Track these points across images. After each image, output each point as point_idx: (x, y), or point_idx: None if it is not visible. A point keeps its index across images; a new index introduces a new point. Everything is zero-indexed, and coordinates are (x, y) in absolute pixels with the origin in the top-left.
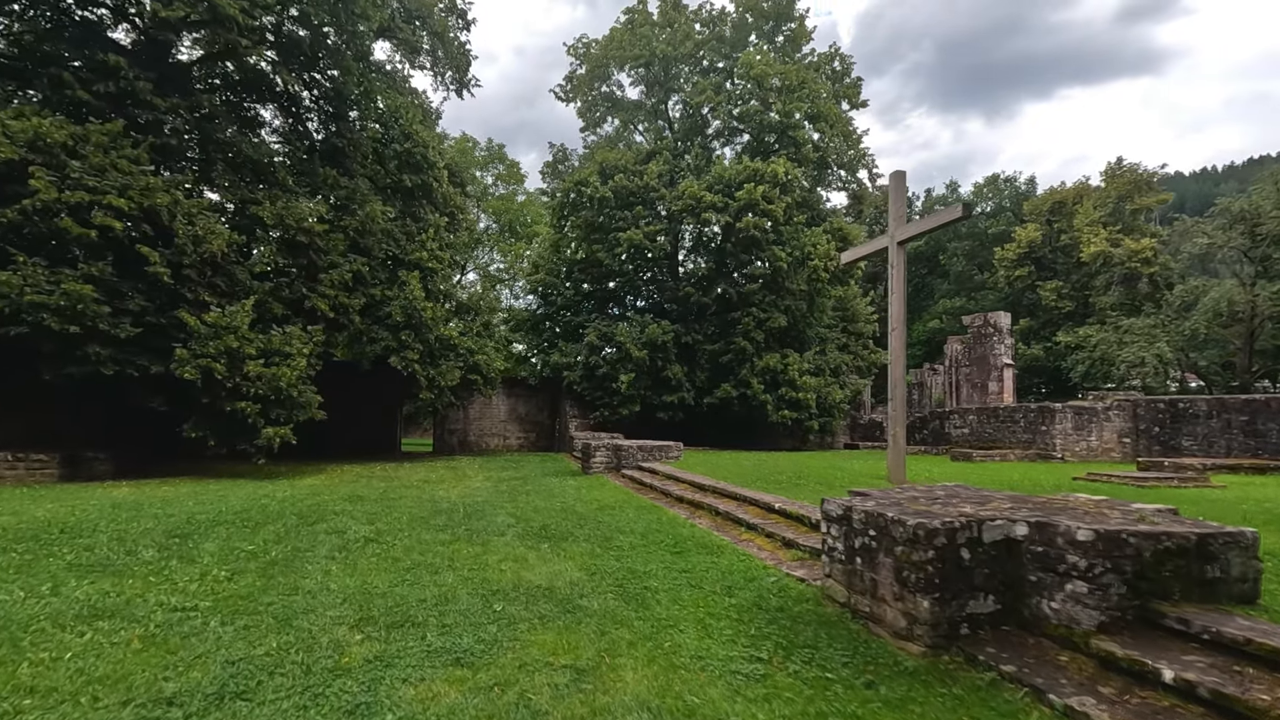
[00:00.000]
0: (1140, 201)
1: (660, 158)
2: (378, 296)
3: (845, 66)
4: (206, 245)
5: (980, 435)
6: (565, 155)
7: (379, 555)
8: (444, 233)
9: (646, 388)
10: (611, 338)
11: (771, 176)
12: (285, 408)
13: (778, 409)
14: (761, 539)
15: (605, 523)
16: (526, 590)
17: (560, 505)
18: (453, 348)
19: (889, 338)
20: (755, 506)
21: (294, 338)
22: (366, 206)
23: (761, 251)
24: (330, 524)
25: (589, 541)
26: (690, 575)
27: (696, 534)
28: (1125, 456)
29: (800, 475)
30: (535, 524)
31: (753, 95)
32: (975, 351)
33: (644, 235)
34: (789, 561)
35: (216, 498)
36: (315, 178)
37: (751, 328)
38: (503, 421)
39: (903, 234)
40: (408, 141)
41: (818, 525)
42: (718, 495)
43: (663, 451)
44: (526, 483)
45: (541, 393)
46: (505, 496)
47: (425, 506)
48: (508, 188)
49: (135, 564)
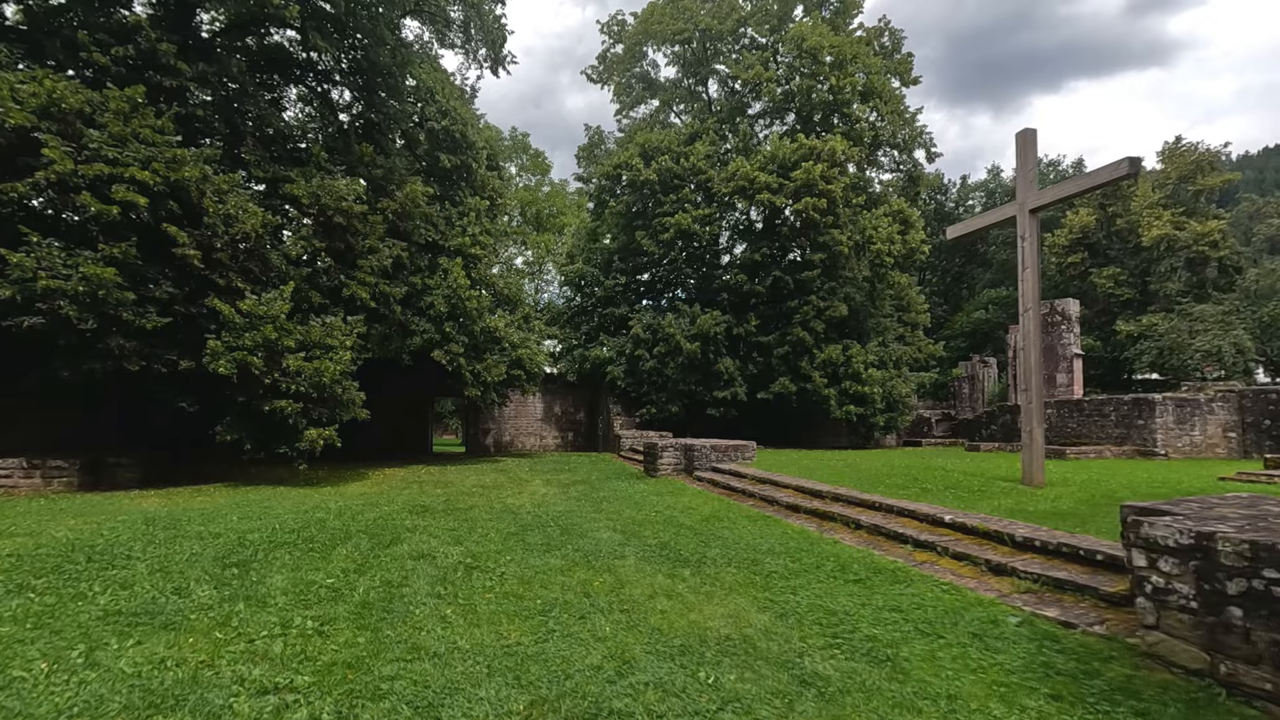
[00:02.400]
0: (1202, 182)
1: (705, 138)
2: (419, 285)
3: (895, 41)
4: (239, 225)
5: (1061, 431)
6: (600, 139)
7: (494, 591)
8: (484, 218)
9: (696, 382)
10: (659, 330)
11: (829, 155)
12: (328, 406)
13: (841, 404)
14: (948, 561)
15: (729, 539)
16: (718, 644)
17: (657, 515)
18: (498, 341)
19: (1021, 319)
20: (911, 519)
21: (335, 329)
22: (406, 187)
23: (820, 235)
24: (411, 545)
25: (733, 566)
26: (906, 617)
27: (854, 555)
28: (1231, 453)
29: (912, 477)
30: (650, 541)
31: (803, 69)
32: (1043, 341)
33: (693, 219)
34: (1017, 595)
35: (262, 510)
36: (350, 155)
37: (811, 317)
38: (539, 420)
39: (1037, 200)
40: (445, 119)
41: (1023, 544)
42: (847, 504)
43: (738, 452)
44: (596, 488)
45: (580, 390)
46: (587, 505)
47: (505, 520)
48: (533, 179)
49: (190, 609)
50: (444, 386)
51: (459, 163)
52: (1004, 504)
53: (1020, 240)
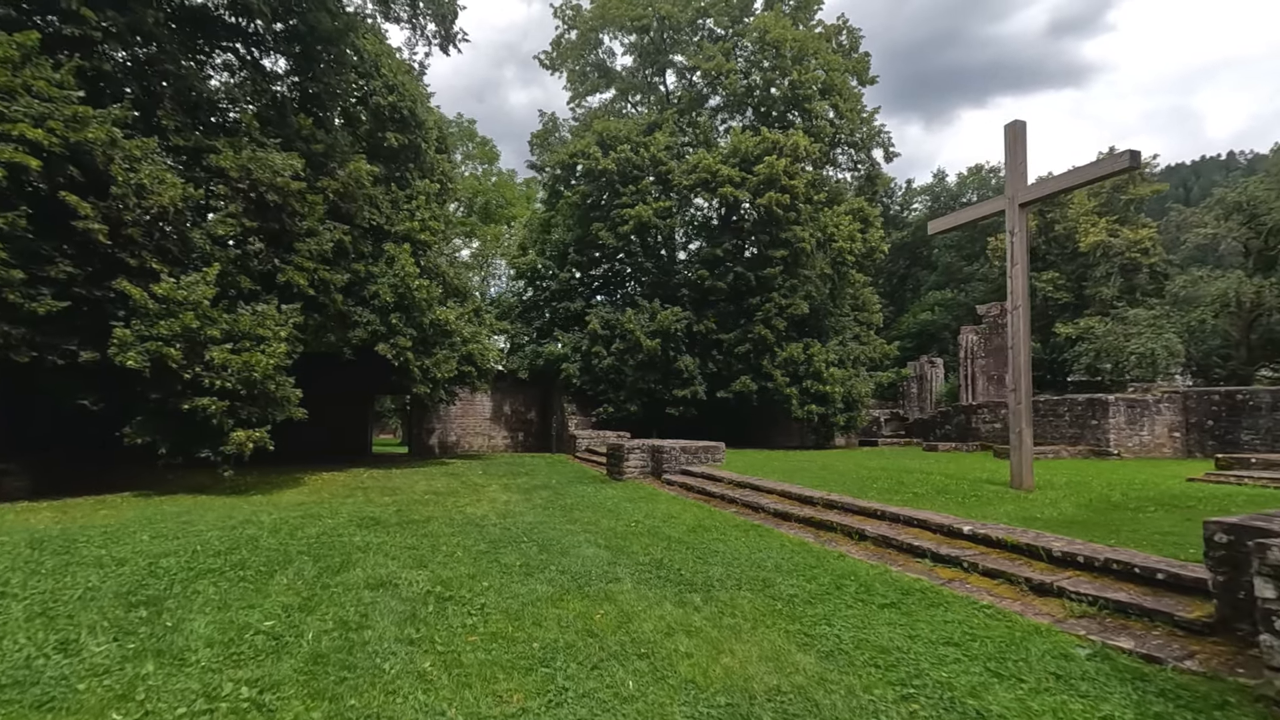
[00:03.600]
0: (1134, 191)
1: (665, 128)
2: (362, 273)
3: (853, 40)
4: (155, 197)
5: None
6: (555, 126)
7: (478, 632)
8: (433, 202)
9: (656, 381)
10: (617, 326)
11: (792, 150)
12: (259, 405)
13: (803, 404)
14: (978, 579)
15: (727, 554)
16: (771, 700)
17: (639, 526)
18: (449, 334)
19: (1010, 317)
20: (923, 529)
21: (268, 318)
22: (349, 165)
23: (782, 232)
24: (366, 570)
25: (746, 589)
26: (965, 652)
27: (871, 572)
28: (1176, 452)
29: (896, 481)
30: (641, 558)
31: (764, 62)
32: (992, 342)
33: (653, 212)
34: (1073, 620)
35: (180, 527)
36: (287, 128)
37: (773, 314)
38: (488, 420)
39: (1027, 194)
40: (391, 94)
41: (1062, 560)
42: (843, 512)
43: (708, 453)
44: (561, 494)
45: (531, 388)
46: (558, 514)
47: (470, 534)
48: (480, 167)
49: (80, 674)
50: (388, 383)
51: (406, 142)
52: (1007, 510)
53: (1009, 235)
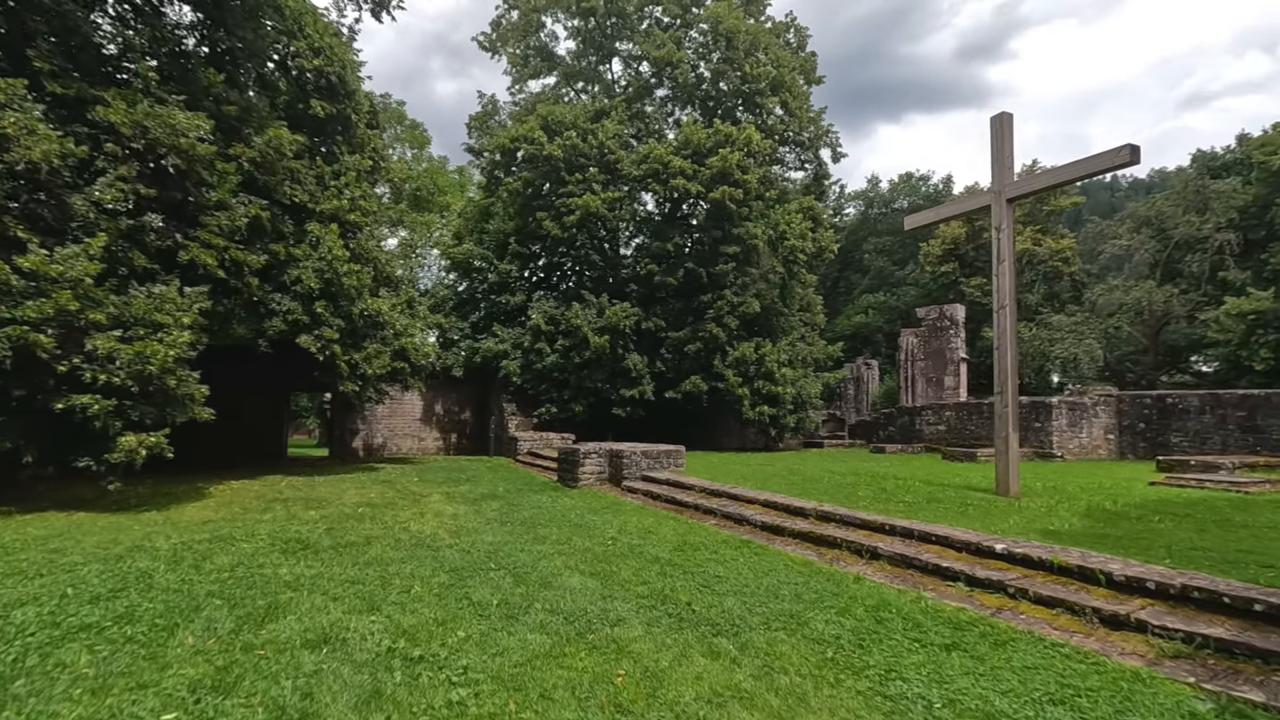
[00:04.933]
0: (1055, 203)
1: (613, 116)
2: (282, 255)
3: (801, 39)
4: (20, 150)
5: (960, 432)
6: (495, 108)
7: (472, 714)
8: (365, 181)
9: (603, 380)
10: (562, 321)
11: (745, 144)
12: (156, 404)
13: (754, 404)
14: (1029, 607)
15: (735, 582)
16: None
17: (618, 545)
18: (381, 326)
19: (996, 317)
20: (945, 547)
21: (168, 302)
22: (268, 131)
23: (734, 227)
24: (301, 617)
25: (779, 630)
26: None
27: (907, 603)
28: (1111, 454)
29: (879, 488)
30: (638, 589)
31: (713, 54)
32: (931, 345)
33: (601, 202)
34: (1169, 661)
35: (46, 559)
36: (193, 85)
37: (724, 312)
38: (418, 420)
39: (1016, 189)
40: (318, 58)
41: (1126, 585)
42: (843, 525)
43: (669, 458)
44: (514, 505)
45: (465, 386)
46: (520, 531)
47: (424, 559)
48: (409, 152)
49: None
50: (309, 379)
51: (334, 112)
52: (1013, 522)
53: (995, 232)
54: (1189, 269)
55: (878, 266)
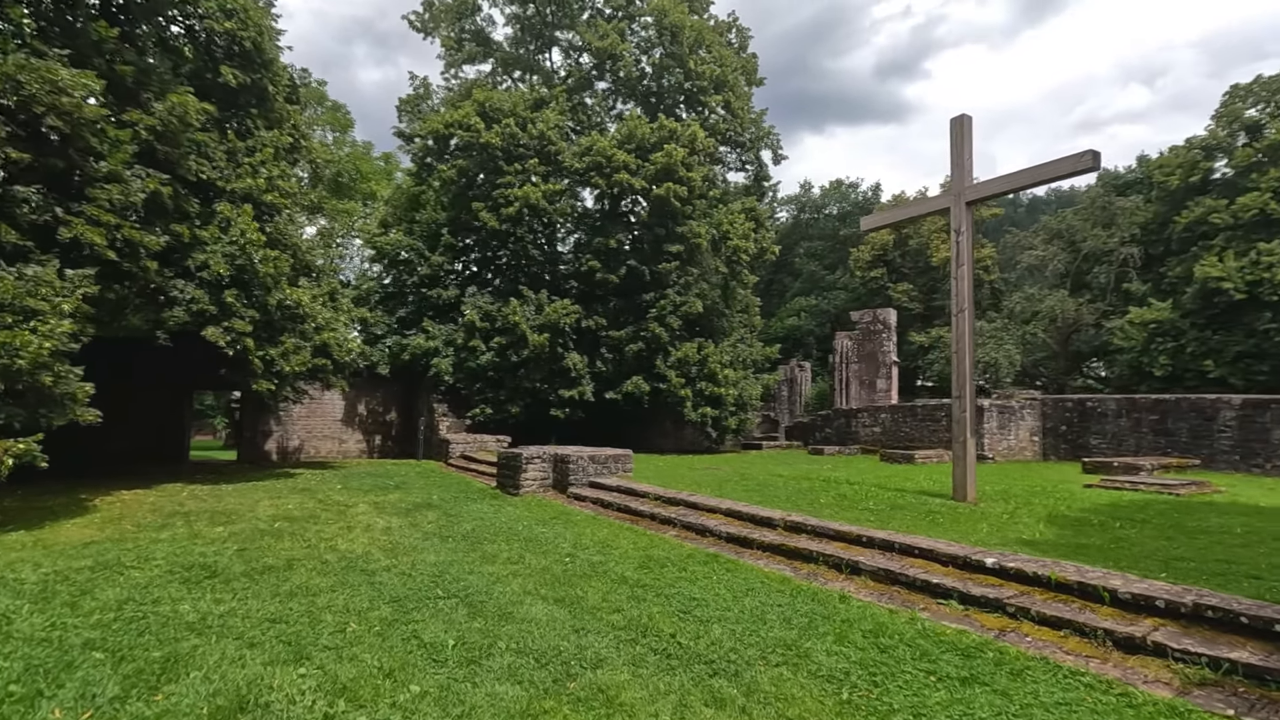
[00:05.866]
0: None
1: (554, 106)
2: (187, 237)
3: (743, 39)
4: None
5: (895, 434)
6: (427, 92)
7: None
8: (284, 160)
9: (541, 380)
10: (499, 318)
11: (689, 140)
12: (27, 404)
13: (697, 406)
14: (1031, 628)
15: (711, 604)
16: None
17: (579, 564)
18: (301, 319)
19: (954, 320)
20: (930, 561)
21: (44, 284)
22: (170, 97)
23: (679, 225)
24: (209, 674)
25: (778, 664)
26: None
27: (900, 624)
28: (1036, 455)
29: (839, 494)
30: (612, 619)
31: (656, 49)
32: (865, 348)
33: (542, 195)
34: (1200, 691)
35: None
36: (79, 38)
37: (667, 312)
38: (338, 422)
39: (976, 192)
40: (230, 20)
41: (1132, 603)
42: (815, 537)
43: (617, 463)
44: (454, 516)
45: (391, 385)
46: (463, 548)
47: (358, 586)
48: (330, 135)
49: None
50: (216, 377)
51: (249, 82)
52: (984, 531)
53: (955, 234)
54: (1096, 280)
55: (809, 270)
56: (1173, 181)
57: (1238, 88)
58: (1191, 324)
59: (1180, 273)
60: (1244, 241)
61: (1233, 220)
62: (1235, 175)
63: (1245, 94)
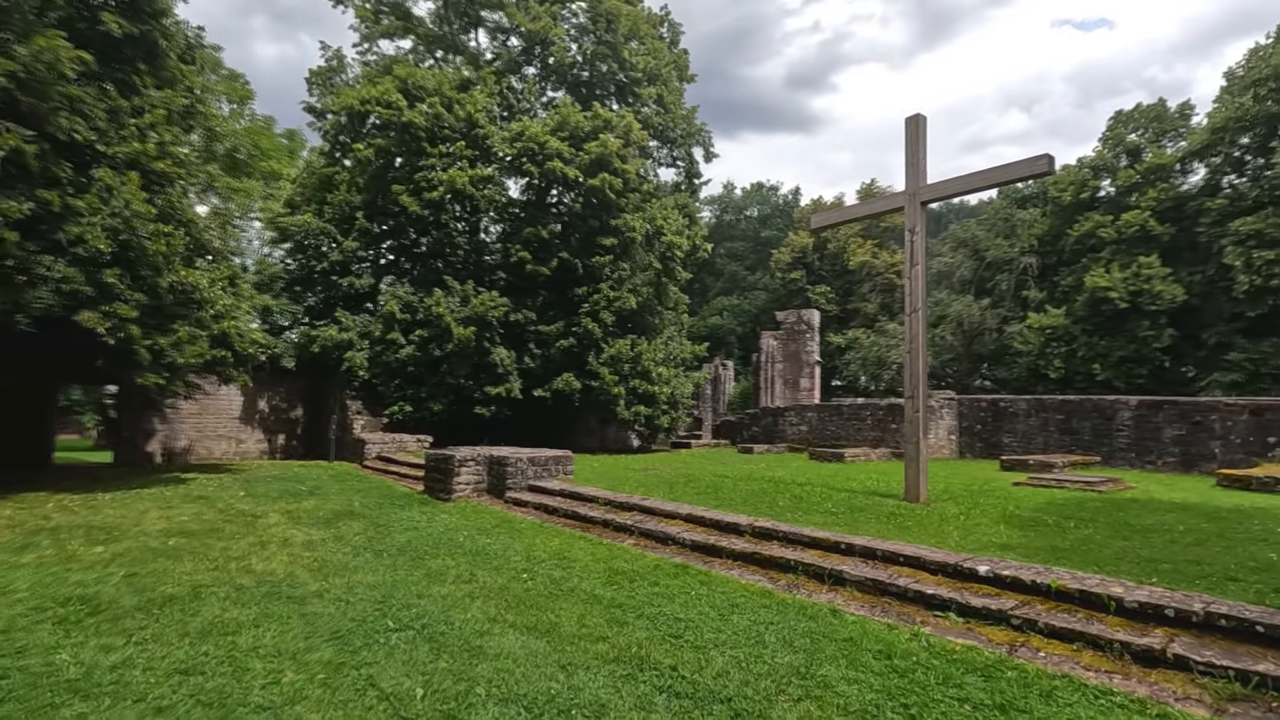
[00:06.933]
0: (890, 221)
1: (482, 88)
2: (57, 206)
3: (674, 34)
4: None
5: (822, 433)
6: (341, 64)
7: None
8: (178, 124)
9: (466, 376)
10: (421, 309)
11: (624, 131)
12: None
13: (630, 404)
14: (1044, 642)
15: (699, 625)
16: None
17: (537, 579)
18: (198, 305)
19: (908, 320)
20: (918, 569)
21: None
22: (38, 41)
23: (613, 218)
24: None
25: (802, 698)
26: None
27: (906, 641)
28: (953, 454)
29: (794, 497)
30: (597, 648)
31: (586, 38)
32: (789, 348)
33: (469, 180)
34: (1234, 708)
35: None
36: None
37: (601, 307)
38: (236, 419)
39: (931, 192)
40: None
41: (1138, 612)
42: (787, 544)
43: (558, 464)
44: (382, 526)
45: (297, 380)
46: (403, 565)
47: (287, 620)
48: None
49: None
50: (90, 369)
51: (137, 34)
52: (952, 534)
53: (909, 234)
54: (999, 287)
55: (730, 270)
56: (1065, 197)
57: (1121, 113)
58: (1082, 330)
59: (1072, 282)
60: (1127, 255)
61: (1117, 235)
62: (1118, 194)
63: (1128, 120)
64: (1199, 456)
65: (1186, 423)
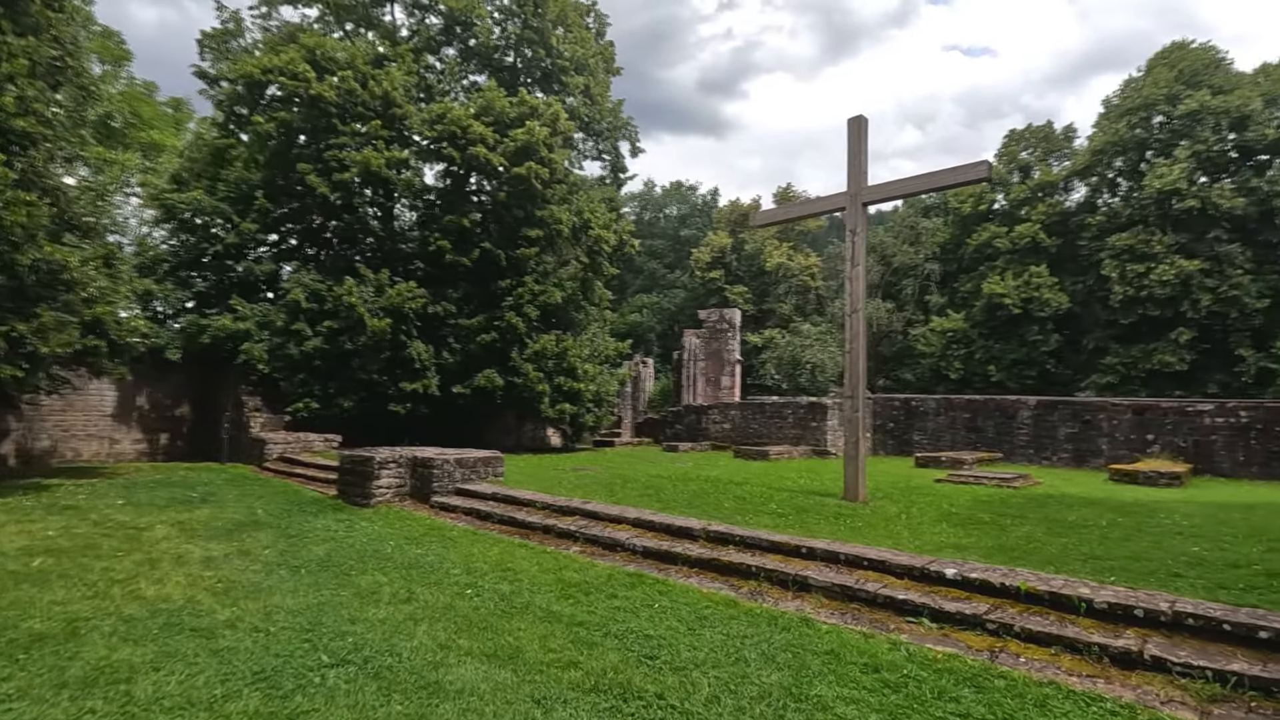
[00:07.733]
0: (804, 224)
1: (399, 65)
2: None
3: (601, 25)
4: None
5: (745, 431)
6: (240, 28)
7: None
8: (44, 78)
9: (379, 371)
10: (328, 299)
11: (552, 120)
12: None
13: (555, 402)
14: (1020, 647)
15: (676, 644)
16: None
17: (483, 594)
18: (67, 286)
19: (849, 320)
20: (884, 574)
21: None
22: None
23: (539, 209)
24: None
25: None
26: None
27: (886, 651)
28: (868, 451)
29: (738, 497)
30: (570, 676)
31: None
32: (711, 346)
33: (385, 162)
34: (1218, 710)
35: None
36: None
37: (525, 301)
38: (109, 416)
39: (872, 194)
40: None
41: (1107, 613)
42: (744, 549)
43: (488, 466)
44: (295, 538)
45: (182, 373)
46: (328, 585)
47: (197, 661)
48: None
49: None
50: None
51: None
52: (905, 534)
53: (850, 234)
54: (904, 292)
55: (650, 268)
56: (965, 209)
57: (1014, 132)
58: (979, 333)
59: (971, 288)
60: (1020, 264)
61: (1011, 245)
62: (1012, 207)
63: (1019, 139)
64: (1089, 452)
65: (1079, 421)
